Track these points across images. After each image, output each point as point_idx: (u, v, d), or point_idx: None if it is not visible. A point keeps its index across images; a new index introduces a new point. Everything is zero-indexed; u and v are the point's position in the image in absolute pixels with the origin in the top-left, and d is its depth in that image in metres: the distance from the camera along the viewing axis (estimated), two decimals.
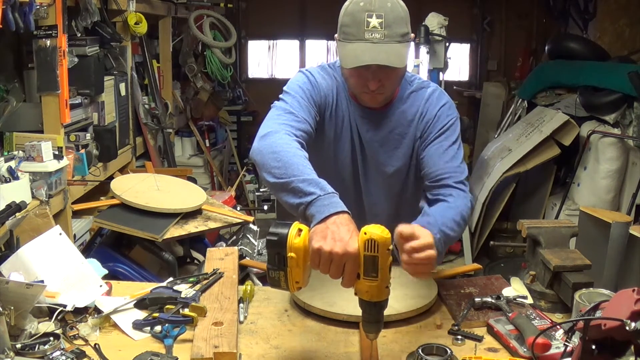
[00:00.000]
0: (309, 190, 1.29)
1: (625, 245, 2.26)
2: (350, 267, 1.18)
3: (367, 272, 1.17)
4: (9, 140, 2.52)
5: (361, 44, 1.45)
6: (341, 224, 1.21)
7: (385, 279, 1.18)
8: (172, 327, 1.40)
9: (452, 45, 5.43)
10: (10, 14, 2.11)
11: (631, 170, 3.97)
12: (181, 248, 2.79)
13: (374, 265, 1.17)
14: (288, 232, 1.19)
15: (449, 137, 1.61)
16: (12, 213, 1.87)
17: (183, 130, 5.24)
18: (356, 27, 1.46)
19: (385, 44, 1.45)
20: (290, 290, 1.25)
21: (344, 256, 1.16)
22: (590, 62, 4.48)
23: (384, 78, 1.51)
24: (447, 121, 1.62)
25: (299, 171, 1.34)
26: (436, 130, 1.61)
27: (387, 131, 1.65)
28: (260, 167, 1.43)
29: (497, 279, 1.74)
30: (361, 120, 1.65)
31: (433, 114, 1.62)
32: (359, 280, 1.19)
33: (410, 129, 1.64)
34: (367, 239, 1.16)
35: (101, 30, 3.20)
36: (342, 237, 1.18)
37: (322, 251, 1.18)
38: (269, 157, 1.39)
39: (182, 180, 3.04)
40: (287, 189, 1.33)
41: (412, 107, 1.64)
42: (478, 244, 4.43)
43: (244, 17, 6.80)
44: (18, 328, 1.34)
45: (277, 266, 1.20)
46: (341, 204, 1.27)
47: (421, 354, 1.29)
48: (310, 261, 1.21)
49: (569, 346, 1.21)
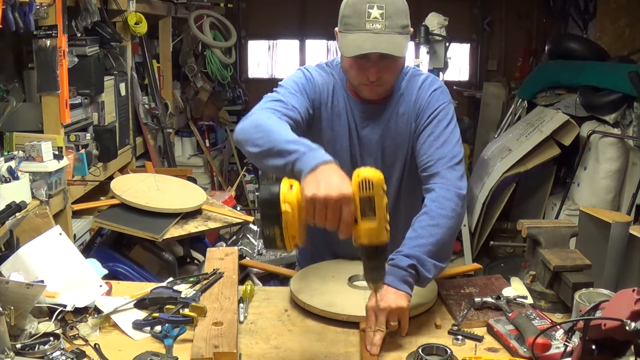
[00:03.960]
0: (293, 148, 1.29)
1: (625, 245, 2.26)
2: (347, 210, 1.16)
3: (364, 213, 1.16)
4: (9, 140, 2.52)
5: (362, 34, 1.46)
6: (331, 171, 1.20)
7: (383, 218, 1.17)
8: (172, 327, 1.40)
9: (452, 45, 5.42)
10: (10, 14, 2.11)
11: (631, 170, 3.97)
12: (181, 248, 2.79)
13: (370, 205, 1.16)
14: (279, 188, 1.17)
15: (440, 122, 1.59)
16: (12, 213, 1.87)
17: (183, 130, 5.24)
18: (357, 18, 1.47)
19: (386, 34, 1.45)
20: (287, 248, 1.20)
21: (340, 199, 1.15)
22: (590, 62, 4.48)
23: (383, 69, 1.51)
24: (438, 105, 1.60)
25: (281, 135, 1.34)
26: (427, 117, 1.60)
27: (384, 124, 1.65)
28: (243, 143, 1.43)
29: (497, 279, 1.74)
30: (360, 115, 1.65)
31: (425, 100, 1.62)
32: (357, 224, 1.17)
33: (405, 117, 1.64)
34: (361, 180, 1.16)
35: (101, 30, 3.20)
36: (334, 182, 1.17)
37: (316, 198, 1.15)
38: (251, 131, 1.40)
39: (182, 180, 3.04)
40: (271, 154, 1.33)
41: (406, 97, 1.64)
42: (478, 244, 4.43)
43: (244, 17, 6.80)
44: (18, 328, 1.34)
45: (272, 223, 1.16)
46: (327, 155, 1.26)
47: (421, 354, 1.29)
48: (305, 212, 1.18)
49: (569, 346, 1.21)
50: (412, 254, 1.42)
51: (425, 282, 1.45)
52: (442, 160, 1.54)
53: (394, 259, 1.42)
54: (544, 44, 5.55)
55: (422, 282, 1.44)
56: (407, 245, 1.44)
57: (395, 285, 1.38)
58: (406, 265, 1.40)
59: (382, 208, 1.17)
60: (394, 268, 1.40)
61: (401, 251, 1.43)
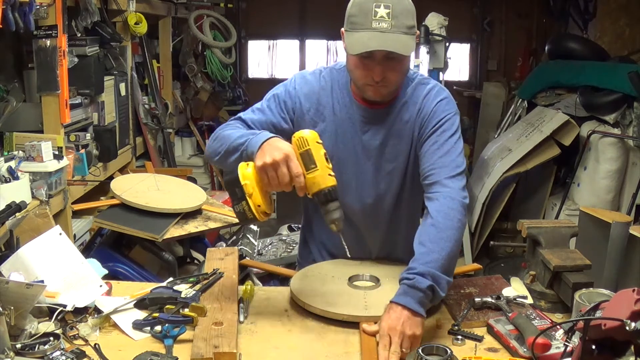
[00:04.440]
0: (242, 140, 1.49)
1: (625, 245, 2.26)
2: (293, 166, 1.36)
3: (307, 166, 1.38)
4: (9, 140, 2.52)
5: (368, 32, 1.46)
6: (273, 142, 1.41)
7: (323, 166, 1.38)
8: (172, 327, 1.40)
9: (452, 45, 5.42)
10: (10, 14, 2.11)
11: (631, 170, 3.96)
12: (181, 248, 2.79)
13: (310, 158, 1.38)
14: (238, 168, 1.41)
15: (444, 132, 1.58)
16: (12, 213, 1.87)
17: (183, 130, 5.24)
18: (364, 17, 1.46)
19: (392, 33, 1.45)
20: (258, 218, 1.39)
21: (284, 158, 1.36)
22: (590, 62, 4.48)
23: (388, 69, 1.51)
24: (444, 116, 1.60)
25: (233, 135, 1.53)
26: (432, 126, 1.59)
27: (387, 129, 1.64)
28: (211, 156, 1.62)
29: (497, 279, 1.74)
30: (361, 119, 1.65)
31: (430, 110, 1.61)
32: (305, 179, 1.37)
33: (408, 125, 1.63)
34: (297, 138, 1.39)
35: (101, 30, 3.20)
36: (276, 147, 1.39)
37: (265, 165, 1.37)
38: (212, 145, 1.60)
39: (182, 180, 3.05)
40: (229, 152, 1.52)
41: (410, 104, 1.63)
42: (478, 244, 4.43)
43: (244, 17, 6.80)
44: (18, 328, 1.34)
45: (239, 199, 1.39)
46: (269, 133, 1.46)
47: (421, 354, 1.29)
48: (261, 180, 1.39)
49: (569, 346, 1.21)
50: (428, 272, 1.38)
51: (437, 300, 1.44)
52: (444, 169, 1.53)
53: (409, 278, 1.38)
54: (544, 44, 5.55)
55: (436, 300, 1.43)
56: (420, 261, 1.41)
57: (413, 308, 1.35)
58: (425, 287, 1.37)
59: (320, 158, 1.38)
60: (413, 290, 1.37)
61: (415, 269, 1.39)
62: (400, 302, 1.36)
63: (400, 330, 1.33)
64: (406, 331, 1.33)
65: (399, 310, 1.35)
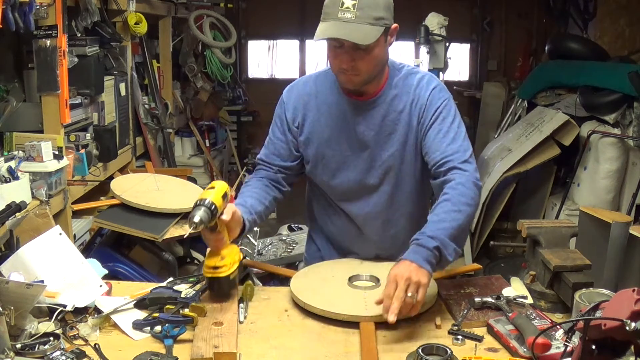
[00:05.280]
0: None
1: (625, 245, 2.26)
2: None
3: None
4: (9, 140, 2.52)
5: (332, 22, 1.52)
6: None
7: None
8: (172, 327, 1.40)
9: (452, 45, 5.41)
10: (10, 14, 2.11)
11: (631, 170, 3.96)
12: (181, 248, 2.79)
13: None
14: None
15: (445, 119, 1.64)
16: (12, 213, 1.87)
17: (183, 130, 5.24)
18: (332, 7, 1.53)
19: (354, 24, 1.50)
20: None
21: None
22: (590, 62, 4.48)
23: (357, 58, 1.55)
24: (440, 103, 1.65)
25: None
26: (430, 115, 1.64)
27: (379, 119, 1.68)
28: None
29: (497, 279, 1.74)
30: (353, 112, 1.69)
31: (425, 99, 1.66)
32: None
33: (403, 115, 1.67)
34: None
35: (101, 30, 3.20)
36: None
37: None
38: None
39: (182, 180, 3.04)
40: None
41: (402, 94, 1.68)
42: (478, 244, 4.42)
43: (244, 17, 6.80)
44: (18, 328, 1.34)
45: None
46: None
47: (421, 354, 1.29)
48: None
49: (569, 346, 1.21)
50: (436, 235, 1.45)
51: (445, 264, 1.50)
52: (457, 155, 1.60)
53: (418, 239, 1.45)
54: (544, 44, 5.55)
55: (443, 264, 1.48)
56: (430, 227, 1.48)
57: (418, 262, 1.41)
58: (432, 246, 1.43)
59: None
60: (419, 247, 1.43)
61: (425, 232, 1.46)
62: (408, 257, 1.42)
63: (406, 277, 1.38)
64: (412, 277, 1.38)
65: (407, 263, 1.41)
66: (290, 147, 1.76)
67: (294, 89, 1.77)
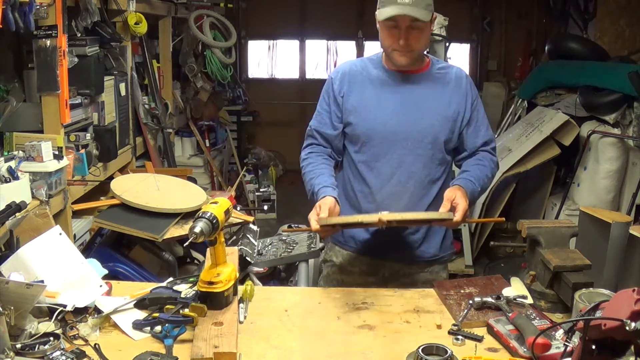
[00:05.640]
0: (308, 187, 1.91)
1: (625, 245, 2.25)
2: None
3: None
4: (9, 140, 2.52)
5: (395, 5, 1.79)
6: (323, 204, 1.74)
7: None
8: (172, 327, 1.40)
9: (452, 45, 5.43)
10: (10, 14, 2.11)
11: (631, 170, 3.96)
12: (181, 248, 2.79)
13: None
14: None
15: (479, 110, 1.98)
16: (12, 213, 1.87)
17: (183, 130, 5.23)
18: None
19: (413, 6, 1.78)
20: None
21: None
22: (590, 62, 4.48)
23: (411, 37, 1.82)
24: (476, 95, 1.99)
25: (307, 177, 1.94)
26: (470, 105, 1.96)
27: (422, 92, 1.93)
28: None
29: (497, 279, 1.74)
30: (400, 82, 1.93)
31: (468, 88, 1.97)
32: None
33: (447, 90, 1.94)
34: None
35: (101, 30, 3.20)
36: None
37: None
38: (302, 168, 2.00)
39: (182, 180, 3.04)
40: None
41: (443, 78, 1.96)
42: (478, 244, 4.43)
43: (244, 17, 6.80)
44: (18, 328, 1.34)
45: None
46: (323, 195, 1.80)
47: (421, 354, 1.29)
48: None
49: (569, 346, 1.21)
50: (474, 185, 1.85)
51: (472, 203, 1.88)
52: (491, 143, 1.99)
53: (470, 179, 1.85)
54: (544, 44, 5.55)
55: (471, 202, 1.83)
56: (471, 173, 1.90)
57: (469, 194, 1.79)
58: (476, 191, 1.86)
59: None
60: (470, 182, 1.84)
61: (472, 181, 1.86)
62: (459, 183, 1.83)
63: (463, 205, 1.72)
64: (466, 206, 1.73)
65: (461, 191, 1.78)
66: (333, 118, 1.99)
67: (341, 68, 2.03)
